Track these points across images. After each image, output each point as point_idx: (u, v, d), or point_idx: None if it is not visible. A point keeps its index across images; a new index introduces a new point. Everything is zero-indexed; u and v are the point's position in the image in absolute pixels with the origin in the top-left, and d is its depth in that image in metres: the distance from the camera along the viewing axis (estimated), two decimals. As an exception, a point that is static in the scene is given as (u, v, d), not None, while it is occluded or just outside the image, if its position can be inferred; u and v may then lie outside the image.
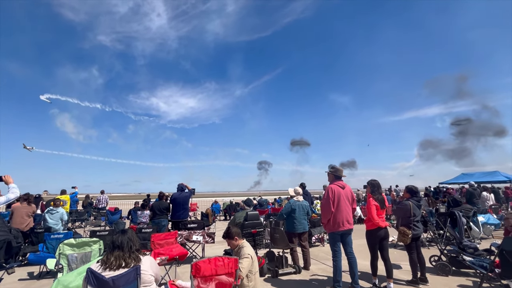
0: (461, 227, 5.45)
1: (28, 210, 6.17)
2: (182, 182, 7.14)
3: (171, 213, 7.03)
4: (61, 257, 3.62)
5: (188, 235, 5.80)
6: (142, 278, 2.37)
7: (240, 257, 3.16)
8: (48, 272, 4.91)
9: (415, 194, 4.49)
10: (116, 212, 11.14)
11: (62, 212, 6.69)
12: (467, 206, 7.79)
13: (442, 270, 4.71)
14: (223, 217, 15.15)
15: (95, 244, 3.84)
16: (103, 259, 2.42)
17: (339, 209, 4.02)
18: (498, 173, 19.15)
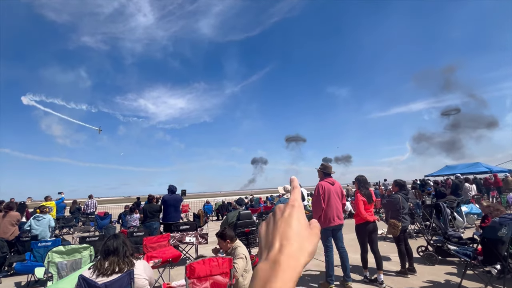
0: (445, 218, 5.67)
1: (12, 219, 5.96)
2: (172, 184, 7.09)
3: (162, 215, 6.96)
4: (50, 265, 3.53)
5: (181, 237, 5.77)
6: (136, 282, 2.36)
7: (234, 257, 3.19)
8: (37, 281, 4.77)
9: (403, 188, 4.65)
10: (105, 217, 10.92)
11: (49, 218, 6.49)
12: (451, 197, 8.10)
13: (429, 259, 4.90)
14: (215, 218, 15.12)
15: (85, 250, 3.77)
16: (96, 265, 2.39)
17: (330, 205, 4.11)
18: (479, 164, 19.96)
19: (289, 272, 0.35)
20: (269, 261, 0.37)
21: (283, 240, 0.39)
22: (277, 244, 0.38)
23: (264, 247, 0.40)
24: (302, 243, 0.39)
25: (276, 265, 0.35)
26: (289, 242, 0.38)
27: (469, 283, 3.90)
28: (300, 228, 0.40)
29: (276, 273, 0.35)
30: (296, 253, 0.37)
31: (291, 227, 0.40)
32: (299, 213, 0.42)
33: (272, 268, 0.35)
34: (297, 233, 0.39)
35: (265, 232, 0.43)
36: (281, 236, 0.39)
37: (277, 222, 0.42)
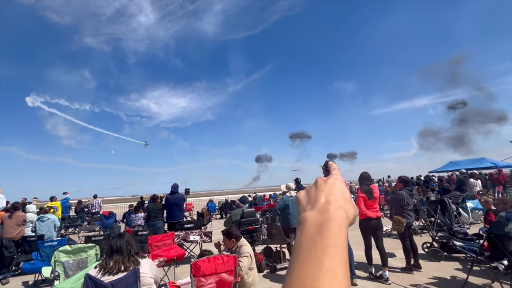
0: (451, 214, 5.63)
1: (18, 219, 6.02)
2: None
3: (166, 214, 6.99)
4: (57, 265, 3.56)
5: (185, 236, 5.80)
6: (142, 280, 2.37)
7: (239, 255, 3.20)
8: (44, 281, 4.83)
9: (407, 184, 4.62)
10: (110, 216, 11.00)
11: (53, 218, 6.55)
12: (456, 193, 8.04)
13: (434, 256, 4.87)
14: (219, 216, 15.17)
15: (91, 249, 3.80)
16: (102, 264, 2.40)
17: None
18: (484, 159, 19.76)
19: (340, 219, 0.34)
20: (318, 209, 0.36)
21: (329, 196, 0.38)
22: (322, 198, 0.38)
23: (307, 204, 0.39)
24: (347, 202, 0.38)
25: (326, 212, 0.35)
26: (335, 198, 0.38)
27: (476, 279, 3.87)
28: (344, 193, 0.40)
29: (327, 217, 0.34)
30: (344, 205, 0.37)
31: (335, 189, 0.40)
32: (343, 184, 0.42)
33: (322, 214, 0.34)
34: (341, 194, 0.39)
35: (305, 195, 0.42)
36: (327, 194, 0.39)
37: (320, 186, 0.41)
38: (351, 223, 0.38)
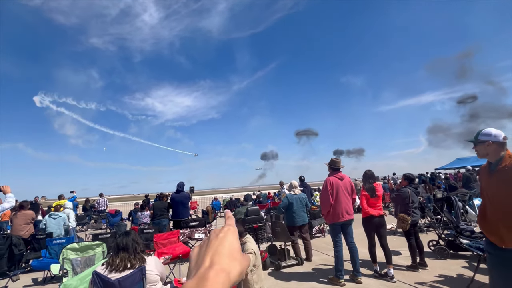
0: (457, 211, 5.56)
1: (27, 217, 6.14)
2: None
3: (172, 213, 7.06)
4: (65, 262, 3.63)
5: (190, 233, 5.85)
6: (148, 278, 2.40)
7: (244, 252, 3.21)
8: (53, 277, 4.92)
9: (412, 181, 4.59)
10: (116, 214, 11.14)
11: (64, 216, 6.68)
12: (463, 190, 7.94)
13: (440, 254, 4.83)
14: (223, 214, 15.23)
15: (98, 247, 3.86)
16: (108, 262, 2.44)
17: (338, 201, 4.08)
18: (492, 156, 19.42)
19: (217, 286, 0.33)
20: (197, 277, 0.35)
21: (214, 256, 0.38)
22: (207, 260, 0.38)
23: (194, 267, 0.39)
24: (233, 260, 0.38)
25: (204, 281, 0.34)
26: (220, 258, 0.38)
27: (482, 277, 3.83)
28: (233, 248, 0.40)
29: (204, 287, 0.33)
30: (227, 267, 0.37)
31: (223, 245, 0.40)
32: (234, 236, 0.42)
33: (200, 284, 0.33)
34: (229, 251, 0.39)
35: (197, 253, 0.42)
36: (213, 252, 0.39)
37: (211, 242, 0.41)
38: (238, 280, 0.37)
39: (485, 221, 2.18)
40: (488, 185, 2.18)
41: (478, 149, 2.20)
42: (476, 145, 2.21)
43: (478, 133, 2.20)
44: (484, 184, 2.25)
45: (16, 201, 6.33)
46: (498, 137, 2.11)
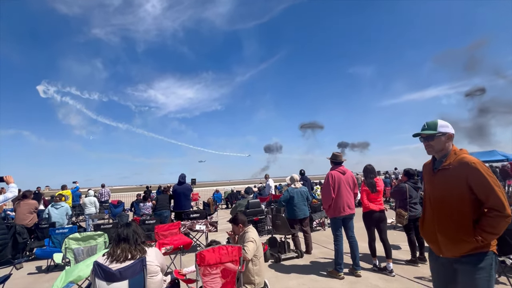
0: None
1: (30, 207, 6.22)
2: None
3: (173, 204, 7.12)
4: (67, 251, 3.68)
5: (191, 225, 5.90)
6: (148, 268, 2.42)
7: (244, 241, 3.25)
8: (56, 266, 5.01)
9: (411, 177, 4.58)
10: (119, 205, 11.25)
11: (66, 206, 6.76)
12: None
13: (440, 249, 4.84)
14: (224, 206, 15.35)
15: (100, 237, 3.90)
16: (109, 252, 2.46)
17: (340, 195, 4.07)
18: (495, 152, 19.29)
19: None
20: None
21: None
22: None
23: None
24: None
25: None
26: None
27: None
28: None
29: None
30: None
31: None
32: None
33: None
34: None
35: None
36: None
37: None
38: None
39: (424, 226, 1.96)
40: (430, 186, 1.92)
41: (434, 143, 1.86)
42: (432, 138, 1.87)
43: (434, 123, 1.86)
44: (426, 184, 1.99)
45: (19, 190, 6.40)
46: (451, 128, 1.87)
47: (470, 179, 1.65)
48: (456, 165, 1.73)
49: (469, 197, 1.67)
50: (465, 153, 1.78)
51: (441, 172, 1.82)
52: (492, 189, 1.60)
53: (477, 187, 1.63)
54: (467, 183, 1.66)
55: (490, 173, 1.63)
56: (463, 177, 1.67)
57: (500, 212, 1.58)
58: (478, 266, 1.64)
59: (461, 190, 1.68)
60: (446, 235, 1.75)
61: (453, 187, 1.72)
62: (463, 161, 1.71)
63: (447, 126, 1.85)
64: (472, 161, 1.68)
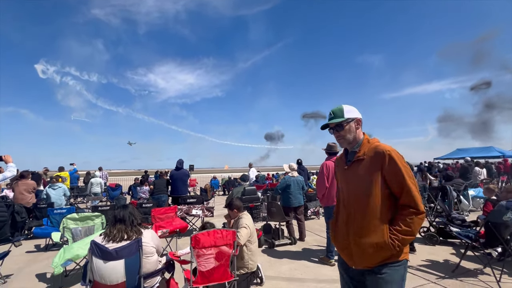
0: (450, 200, 5.66)
1: (28, 187, 6.28)
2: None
3: (171, 189, 7.20)
4: (65, 231, 3.76)
5: (187, 209, 5.99)
6: (144, 249, 2.49)
7: (238, 226, 3.33)
8: (55, 245, 5.12)
9: None
10: (117, 188, 11.36)
11: (64, 188, 6.82)
12: (459, 180, 8.01)
13: (430, 240, 4.97)
14: (222, 192, 15.53)
15: (97, 218, 3.97)
16: (106, 232, 2.52)
17: (333, 185, 4.13)
18: (492, 148, 19.45)
19: None
20: None
21: None
22: None
23: None
24: None
25: None
26: None
27: (468, 263, 3.97)
28: None
29: None
30: None
31: None
32: None
33: None
34: None
35: None
36: None
37: None
38: None
39: (336, 232, 1.63)
40: (344, 182, 1.62)
41: (345, 132, 1.57)
42: (341, 127, 1.57)
43: (339, 110, 1.59)
44: (340, 181, 1.70)
45: (17, 170, 6.43)
46: (358, 112, 1.61)
47: (385, 169, 1.42)
48: (371, 155, 1.47)
49: (385, 192, 1.43)
50: (377, 141, 1.56)
51: (355, 164, 1.54)
52: (405, 181, 1.39)
53: (391, 178, 1.41)
54: (382, 174, 1.42)
55: (404, 163, 1.43)
56: (378, 167, 1.43)
57: (413, 209, 1.37)
58: (389, 280, 1.41)
59: (377, 184, 1.43)
60: (360, 241, 1.45)
61: (368, 181, 1.45)
62: (377, 149, 1.46)
63: (353, 110, 1.60)
64: (387, 148, 1.44)
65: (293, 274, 3.83)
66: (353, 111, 1.59)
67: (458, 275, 3.62)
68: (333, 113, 1.59)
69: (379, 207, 1.42)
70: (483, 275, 3.64)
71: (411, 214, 1.37)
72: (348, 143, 1.60)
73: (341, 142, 1.62)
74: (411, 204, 1.38)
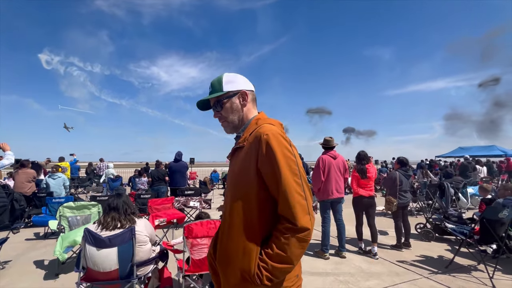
0: (448, 198, 5.64)
1: (28, 176, 6.33)
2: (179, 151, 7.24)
3: (169, 180, 7.23)
4: (62, 219, 3.80)
5: (185, 201, 6.03)
6: (137, 238, 2.51)
7: None
8: (53, 233, 5.19)
9: (404, 165, 4.64)
10: (117, 179, 11.43)
11: (63, 177, 6.87)
12: (458, 178, 7.98)
13: (425, 236, 4.98)
14: (221, 186, 15.60)
15: (94, 207, 4.01)
16: (100, 220, 2.55)
17: (329, 179, 4.13)
18: (495, 147, 19.31)
19: None
20: None
21: None
22: None
23: None
24: None
25: None
26: None
27: (462, 260, 3.98)
28: None
29: None
30: None
31: None
32: None
33: None
34: None
35: None
36: None
37: None
38: None
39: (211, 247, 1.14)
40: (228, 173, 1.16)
41: (226, 111, 1.11)
42: (220, 105, 1.11)
43: (218, 80, 1.11)
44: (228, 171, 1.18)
45: (19, 160, 6.49)
46: (245, 82, 1.14)
47: (260, 161, 0.93)
48: (251, 142, 0.98)
49: (262, 195, 0.94)
50: (268, 122, 1.05)
51: (235, 155, 1.09)
52: (283, 179, 0.89)
53: (266, 174, 0.93)
54: (257, 169, 0.94)
55: (287, 152, 0.93)
56: (254, 160, 0.95)
57: (290, 223, 0.87)
58: None
59: (251, 183, 0.95)
60: (225, 269, 0.99)
61: (242, 180, 0.98)
62: (257, 133, 0.97)
63: (237, 80, 1.13)
64: (265, 131, 0.94)
65: (287, 267, 3.85)
66: (236, 81, 1.12)
67: (451, 271, 3.64)
68: (211, 86, 1.13)
69: (255, 217, 0.94)
70: (476, 271, 3.65)
71: (287, 231, 0.87)
72: (234, 127, 1.14)
73: (225, 126, 1.15)
74: (288, 215, 0.88)
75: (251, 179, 0.95)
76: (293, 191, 0.89)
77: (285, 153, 0.92)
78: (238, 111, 1.13)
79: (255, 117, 1.13)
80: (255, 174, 0.95)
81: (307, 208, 0.90)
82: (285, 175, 0.90)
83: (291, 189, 0.89)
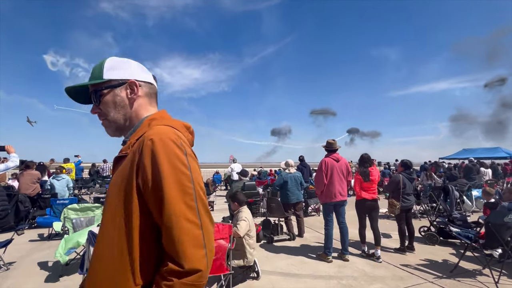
0: (452, 201, 5.60)
1: (32, 177, 6.39)
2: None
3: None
4: (66, 221, 3.83)
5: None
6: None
7: (238, 219, 3.38)
8: (57, 234, 5.22)
9: (408, 168, 4.60)
10: (120, 181, 11.49)
11: (67, 179, 6.92)
12: (462, 180, 7.92)
13: (429, 239, 4.93)
14: (223, 187, 15.60)
15: (98, 209, 4.03)
16: (103, 223, 2.57)
17: (332, 181, 4.12)
18: (499, 149, 19.14)
19: None
20: None
21: None
22: None
23: None
24: None
25: None
26: None
27: (467, 264, 3.93)
28: None
29: None
30: None
31: None
32: None
33: None
34: None
35: None
36: None
37: None
38: None
39: None
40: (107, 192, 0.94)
41: (104, 107, 0.84)
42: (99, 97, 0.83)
43: (99, 66, 0.84)
44: None
45: (24, 161, 6.55)
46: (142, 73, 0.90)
47: (139, 176, 0.69)
48: (135, 150, 0.73)
49: (146, 220, 0.69)
50: (166, 123, 0.78)
51: (116, 167, 0.82)
52: (167, 199, 0.65)
53: (147, 194, 0.68)
54: (136, 186, 0.69)
55: (179, 164, 0.69)
56: (133, 174, 0.70)
57: (174, 264, 0.63)
58: None
59: (130, 204, 0.69)
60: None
61: (118, 201, 0.72)
62: (143, 137, 0.73)
63: (122, 67, 0.86)
64: (150, 136, 0.70)
65: (289, 270, 3.84)
66: (123, 68, 0.86)
67: (456, 275, 3.60)
68: (92, 72, 0.86)
69: (134, 253, 0.67)
70: (481, 276, 3.61)
71: (170, 275, 0.63)
72: (118, 129, 0.87)
73: (106, 127, 0.87)
74: (172, 252, 0.65)
75: (130, 200, 0.69)
76: (181, 218, 0.64)
77: (174, 164, 0.68)
78: (124, 108, 0.84)
79: (149, 117, 0.85)
80: (135, 192, 0.69)
81: (202, 240, 0.65)
82: (170, 194, 0.65)
83: (178, 215, 0.64)
